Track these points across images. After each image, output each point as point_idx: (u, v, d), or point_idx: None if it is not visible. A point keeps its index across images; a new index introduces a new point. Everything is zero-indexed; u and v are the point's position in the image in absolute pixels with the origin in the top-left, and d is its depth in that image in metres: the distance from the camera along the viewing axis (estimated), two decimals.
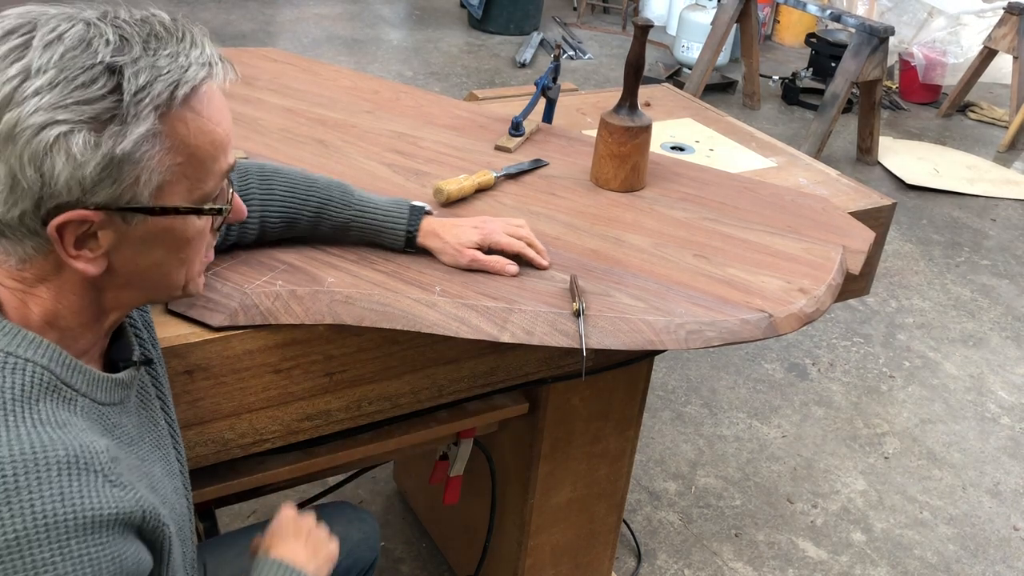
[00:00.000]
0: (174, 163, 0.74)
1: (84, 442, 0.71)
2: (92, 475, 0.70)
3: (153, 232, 0.76)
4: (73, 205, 0.71)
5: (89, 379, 0.78)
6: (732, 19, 5.00)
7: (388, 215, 1.23)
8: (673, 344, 1.17)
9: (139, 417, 0.88)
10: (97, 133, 0.69)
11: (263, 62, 1.93)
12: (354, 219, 1.23)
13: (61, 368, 0.75)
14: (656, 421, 2.68)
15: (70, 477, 0.69)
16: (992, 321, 3.41)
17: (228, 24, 5.92)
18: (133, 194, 0.73)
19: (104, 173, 0.70)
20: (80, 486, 0.69)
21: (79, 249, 0.74)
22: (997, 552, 2.34)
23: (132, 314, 0.94)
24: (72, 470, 0.69)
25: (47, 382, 0.73)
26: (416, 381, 1.31)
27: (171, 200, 0.75)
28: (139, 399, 0.90)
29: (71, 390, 0.76)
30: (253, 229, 1.20)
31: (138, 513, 0.74)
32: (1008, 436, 2.78)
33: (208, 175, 0.77)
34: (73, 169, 0.69)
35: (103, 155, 0.70)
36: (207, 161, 0.77)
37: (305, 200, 1.21)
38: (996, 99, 5.82)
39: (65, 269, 0.75)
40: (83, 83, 0.68)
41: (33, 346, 0.74)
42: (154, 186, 0.73)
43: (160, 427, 0.92)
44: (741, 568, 2.21)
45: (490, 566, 1.85)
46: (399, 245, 1.24)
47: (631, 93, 1.53)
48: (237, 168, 1.19)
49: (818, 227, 1.48)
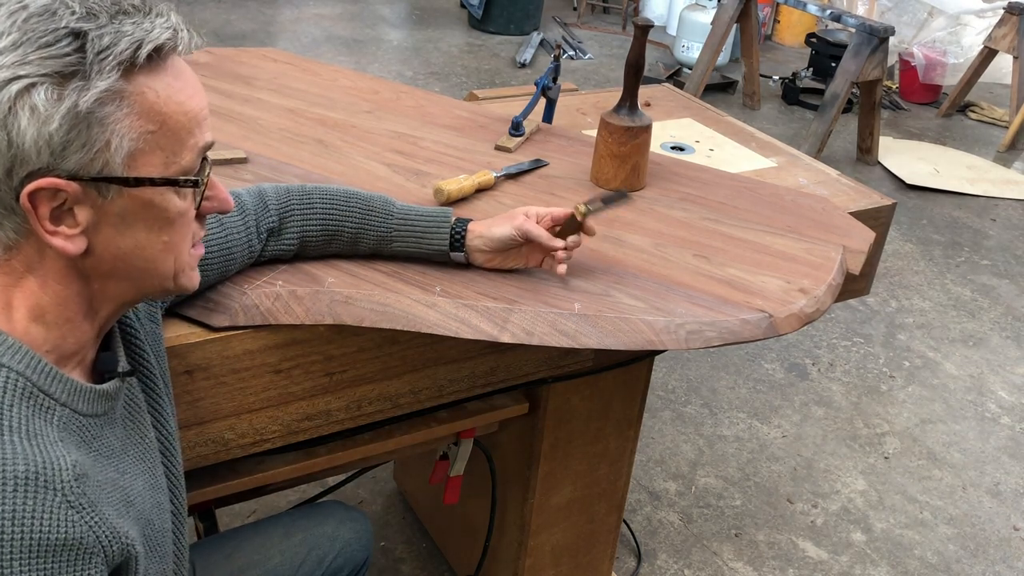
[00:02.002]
0: (146, 131, 0.74)
1: (49, 457, 0.70)
2: (51, 494, 0.69)
3: (131, 208, 0.75)
4: (45, 172, 0.71)
5: (69, 389, 0.77)
6: (732, 19, 5.00)
7: (433, 220, 1.22)
8: (673, 344, 1.17)
9: (124, 429, 0.87)
10: (60, 87, 0.69)
11: (263, 62, 1.93)
12: (396, 228, 1.22)
13: (39, 376, 0.74)
14: (656, 421, 2.68)
15: (25, 495, 0.67)
16: (992, 321, 3.41)
17: (228, 24, 5.92)
18: (105, 162, 0.72)
19: (71, 134, 0.70)
20: (35, 505, 0.68)
21: (56, 225, 0.73)
22: (997, 552, 2.34)
23: (134, 324, 0.93)
24: (29, 487, 0.68)
25: (22, 389, 0.72)
26: (416, 381, 1.31)
27: (146, 171, 0.75)
28: (126, 411, 0.88)
29: (49, 399, 0.74)
30: (293, 244, 1.20)
31: (90, 538, 0.71)
32: (1008, 436, 2.78)
33: (184, 148, 0.77)
34: (39, 126, 0.69)
35: (67, 109, 0.69)
36: (181, 133, 0.76)
37: (346, 213, 1.20)
38: (996, 99, 5.82)
39: (48, 256, 0.75)
40: (47, 43, 0.69)
41: (10, 352, 0.73)
42: (125, 153, 0.73)
43: (148, 440, 0.90)
44: (741, 568, 2.21)
45: (490, 566, 1.85)
46: (443, 247, 1.22)
47: (631, 93, 1.53)
48: (277, 189, 1.19)
49: (818, 227, 1.48)
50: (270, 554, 1.29)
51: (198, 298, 1.14)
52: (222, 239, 1.11)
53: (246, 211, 1.15)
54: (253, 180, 1.42)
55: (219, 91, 1.75)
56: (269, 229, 1.17)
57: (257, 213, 1.16)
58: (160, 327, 0.99)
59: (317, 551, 1.32)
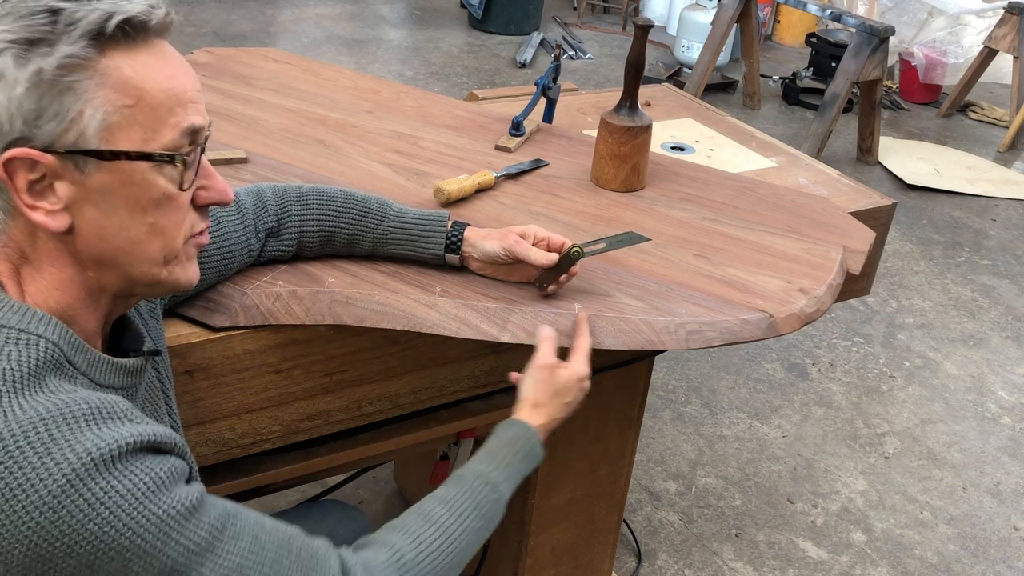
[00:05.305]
0: (122, 104, 0.74)
1: (101, 396, 0.73)
2: (117, 420, 0.72)
3: (111, 185, 0.75)
4: (21, 143, 0.72)
5: (90, 359, 0.79)
6: (732, 19, 5.00)
7: (429, 223, 1.22)
8: (673, 344, 1.17)
9: (143, 411, 0.88)
10: (26, 51, 0.71)
11: (263, 62, 1.93)
12: (392, 230, 1.22)
13: (68, 346, 0.76)
14: (656, 421, 2.68)
15: (98, 424, 0.71)
16: (992, 321, 3.41)
17: (228, 24, 5.92)
18: (79, 133, 0.73)
19: (43, 102, 0.71)
20: (111, 428, 0.71)
21: (37, 200, 0.74)
22: (997, 552, 2.34)
23: (137, 320, 0.94)
24: (98, 418, 0.71)
25: (56, 359, 0.75)
26: (416, 381, 1.31)
27: (123, 146, 0.75)
28: (147, 392, 0.90)
29: (72, 368, 0.77)
30: (291, 245, 1.20)
31: (169, 439, 0.76)
32: (1008, 436, 2.78)
33: (164, 126, 0.76)
34: (8, 91, 0.70)
35: (32, 73, 0.70)
36: (159, 110, 0.76)
37: (342, 214, 1.20)
38: (996, 99, 5.82)
39: (39, 239, 0.76)
40: (23, 16, 0.71)
41: (43, 323, 0.75)
42: (99, 124, 0.73)
43: (163, 423, 0.92)
44: (741, 568, 2.21)
45: (490, 566, 1.85)
46: (439, 251, 1.22)
47: (631, 93, 1.53)
48: (275, 189, 1.19)
49: (818, 227, 1.48)
50: None
51: (198, 298, 1.14)
52: (220, 238, 1.11)
53: (244, 211, 1.15)
54: (253, 180, 1.42)
55: (219, 91, 1.75)
56: (268, 229, 1.17)
57: (255, 213, 1.16)
58: (160, 324, 1.00)
59: None
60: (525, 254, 1.18)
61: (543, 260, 1.18)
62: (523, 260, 1.19)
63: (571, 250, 1.18)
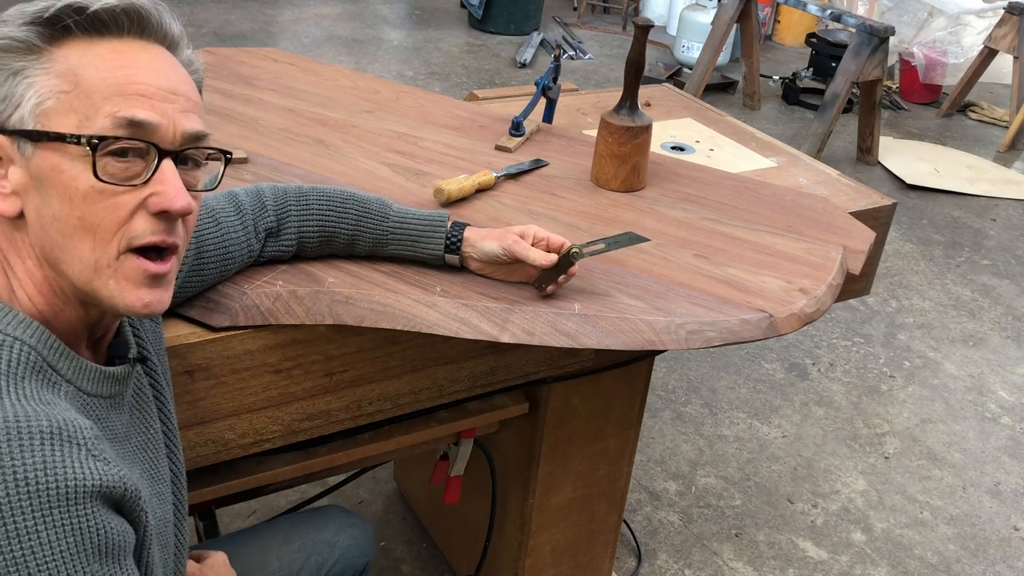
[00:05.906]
0: (60, 90, 0.74)
1: (68, 417, 0.71)
2: (75, 447, 0.69)
3: (44, 170, 0.74)
4: None
5: (76, 367, 0.78)
6: (732, 19, 5.00)
7: (428, 224, 1.22)
8: (673, 344, 1.17)
9: (131, 417, 0.87)
10: None
11: (263, 62, 1.93)
12: (392, 231, 1.22)
13: (48, 351, 0.75)
14: (656, 421, 2.68)
15: (52, 447, 0.68)
16: (992, 321, 3.41)
17: (228, 24, 5.92)
18: (21, 114, 0.74)
19: None
20: (63, 456, 0.68)
21: None
22: (997, 552, 2.34)
23: (135, 320, 0.93)
24: (55, 440, 0.68)
25: (33, 362, 0.73)
26: (416, 381, 1.31)
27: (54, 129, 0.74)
28: (134, 399, 0.89)
29: (56, 374, 0.75)
30: (291, 245, 1.20)
31: (120, 487, 0.72)
32: (1008, 436, 2.78)
33: (98, 114, 0.74)
34: None
35: None
36: (94, 96, 0.74)
37: (342, 214, 1.20)
38: (996, 99, 5.82)
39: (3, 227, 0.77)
40: None
41: (23, 326, 0.74)
42: (36, 107, 0.74)
43: (153, 431, 0.91)
44: (741, 568, 2.21)
45: (490, 566, 1.85)
46: (439, 251, 1.22)
47: (631, 93, 1.53)
48: (275, 189, 1.19)
49: (818, 227, 1.48)
50: (268, 559, 1.29)
51: (198, 298, 1.14)
52: (219, 239, 1.11)
53: (243, 211, 1.15)
54: (253, 180, 1.42)
55: (220, 91, 1.75)
56: (267, 229, 1.17)
57: (255, 213, 1.16)
58: (160, 326, 0.99)
59: (316, 557, 1.32)
60: (524, 254, 1.18)
61: (542, 260, 1.18)
62: (522, 260, 1.19)
63: (570, 250, 1.17)
